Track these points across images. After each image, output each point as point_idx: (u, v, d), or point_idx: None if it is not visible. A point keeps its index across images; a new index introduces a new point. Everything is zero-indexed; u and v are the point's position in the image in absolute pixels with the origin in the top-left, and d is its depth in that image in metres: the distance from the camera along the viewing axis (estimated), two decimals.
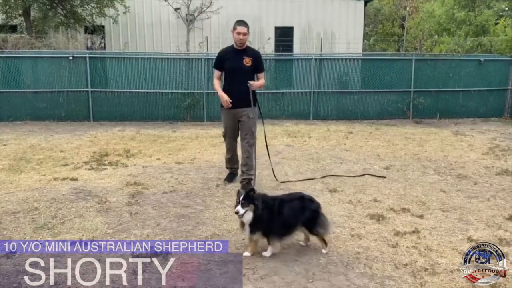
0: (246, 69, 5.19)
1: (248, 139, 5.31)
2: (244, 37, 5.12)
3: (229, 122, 5.38)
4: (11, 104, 11.24)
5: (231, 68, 5.22)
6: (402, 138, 9.20)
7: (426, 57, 13.51)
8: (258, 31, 16.53)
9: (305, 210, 3.57)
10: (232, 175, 5.71)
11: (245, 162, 5.37)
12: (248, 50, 5.28)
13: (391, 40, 26.53)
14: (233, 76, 5.22)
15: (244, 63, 5.16)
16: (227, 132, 5.47)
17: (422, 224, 4.25)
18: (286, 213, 3.51)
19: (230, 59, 5.23)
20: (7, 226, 4.11)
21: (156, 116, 11.72)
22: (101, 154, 7.28)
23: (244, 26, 5.11)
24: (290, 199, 3.68)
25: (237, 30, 5.09)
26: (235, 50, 5.25)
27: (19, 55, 11.58)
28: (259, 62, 5.28)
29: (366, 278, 3.20)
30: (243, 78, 5.12)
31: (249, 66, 5.19)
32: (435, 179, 5.94)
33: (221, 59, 5.32)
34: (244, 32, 5.10)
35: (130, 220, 4.30)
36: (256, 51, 5.41)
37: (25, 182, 5.60)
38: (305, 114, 12.21)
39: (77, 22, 14.67)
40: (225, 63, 5.26)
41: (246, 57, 5.18)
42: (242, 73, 5.15)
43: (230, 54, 5.25)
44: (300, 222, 3.55)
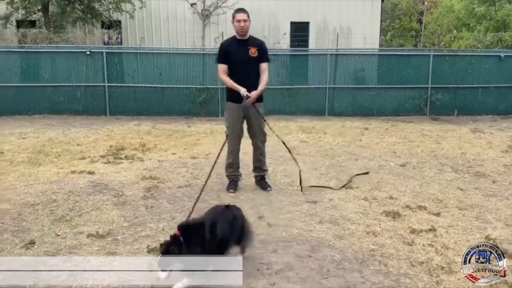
0: (253, 60, 4.80)
1: (258, 136, 5.02)
2: (245, 24, 4.72)
3: (236, 120, 4.90)
4: (30, 98, 11.44)
5: (237, 61, 4.79)
6: (419, 135, 9.09)
7: (444, 53, 13.31)
8: (273, 26, 16.46)
9: (237, 225, 3.23)
10: (235, 182, 5.14)
11: (257, 158, 5.12)
12: (251, 39, 4.87)
13: (408, 36, 26.15)
14: (239, 69, 4.79)
15: (250, 54, 4.77)
16: (231, 130, 4.93)
17: (438, 222, 4.19)
18: (220, 234, 3.05)
19: (234, 51, 4.80)
20: (27, 217, 4.20)
21: (172, 111, 11.79)
22: (117, 148, 7.37)
23: (243, 13, 4.75)
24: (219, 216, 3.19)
25: (237, 18, 4.71)
26: (238, 41, 4.84)
27: (38, 49, 11.76)
28: (264, 51, 4.86)
29: (381, 275, 3.17)
30: (251, 71, 4.79)
31: (256, 57, 4.80)
32: (453, 177, 5.85)
33: (225, 52, 4.85)
34: (244, 18, 4.71)
35: (146, 213, 4.35)
36: (260, 40, 4.98)
37: (43, 175, 5.70)
38: (320, 110, 12.14)
39: (94, 17, 14.82)
40: (230, 56, 4.81)
41: (251, 47, 4.79)
42: (249, 66, 4.79)
43: (234, 46, 4.83)
44: (233, 240, 3.19)
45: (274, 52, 12.63)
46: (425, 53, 13.18)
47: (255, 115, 4.90)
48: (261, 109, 4.97)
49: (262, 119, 4.97)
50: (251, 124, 4.97)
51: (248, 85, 4.72)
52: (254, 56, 4.80)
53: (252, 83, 4.78)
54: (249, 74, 4.78)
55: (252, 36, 4.96)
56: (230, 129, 4.96)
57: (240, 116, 4.90)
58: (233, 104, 4.87)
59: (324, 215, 4.36)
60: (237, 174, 5.17)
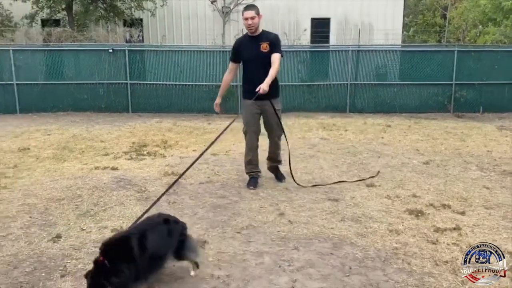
0: (265, 56, 4.72)
1: (275, 132, 5.03)
2: (252, 21, 4.67)
3: (251, 116, 4.92)
4: (54, 96, 11.68)
5: (249, 58, 4.82)
6: (443, 132, 8.91)
7: (469, 49, 12.97)
8: (293, 22, 16.37)
9: (173, 236, 2.92)
10: (254, 179, 5.14)
11: (272, 150, 5.19)
12: (263, 35, 4.80)
13: (432, 31, 25.61)
14: (252, 65, 4.82)
15: (261, 49, 4.71)
16: (248, 127, 4.98)
17: (463, 221, 4.11)
18: (152, 247, 2.73)
19: (245, 48, 4.82)
20: (53, 212, 4.30)
21: (192, 108, 11.86)
22: (140, 145, 7.47)
23: (250, 10, 4.68)
24: (152, 227, 2.87)
25: (245, 16, 4.68)
26: (250, 38, 4.82)
27: (62, 48, 12.01)
28: (275, 44, 4.76)
29: (404, 274, 3.13)
30: (263, 66, 4.69)
31: (268, 52, 4.72)
32: (478, 175, 5.72)
33: (236, 51, 4.90)
34: (251, 16, 4.65)
35: (168, 209, 4.40)
36: (272, 34, 4.90)
37: (68, 171, 5.83)
38: (341, 106, 12.02)
39: (117, 15, 15.05)
40: (242, 53, 4.86)
41: (263, 42, 4.73)
42: (261, 61, 4.72)
43: (246, 43, 4.85)
44: (170, 252, 2.90)
45: (294, 49, 12.59)
46: (449, 48, 12.91)
47: (271, 110, 4.89)
48: (278, 105, 4.95)
49: (277, 114, 4.94)
50: (267, 119, 4.99)
51: (261, 81, 4.61)
52: (266, 51, 4.73)
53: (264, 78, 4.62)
54: (261, 70, 4.68)
55: (266, 31, 4.91)
56: (246, 126, 5.00)
57: (255, 112, 4.91)
58: (247, 100, 4.85)
59: (346, 212, 4.33)
60: (256, 171, 5.18)
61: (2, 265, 3.24)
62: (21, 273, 3.12)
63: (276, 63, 4.69)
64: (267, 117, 4.97)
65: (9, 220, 4.09)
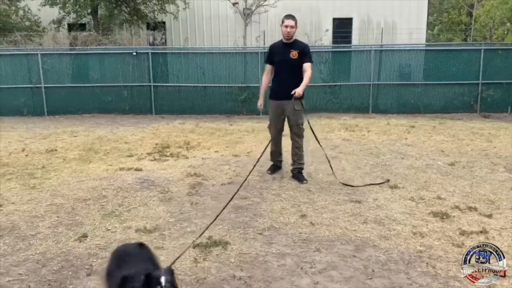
0: (293, 62, 5.25)
1: (295, 131, 5.43)
2: (291, 30, 5.21)
3: (275, 114, 5.46)
4: (80, 98, 11.97)
5: (279, 61, 5.35)
6: (469, 133, 8.70)
7: (496, 47, 12.64)
8: (315, 22, 16.28)
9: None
10: (275, 166, 5.80)
11: (294, 152, 5.50)
12: (295, 43, 5.35)
13: (457, 30, 25.04)
14: (280, 68, 5.36)
15: (290, 56, 5.23)
16: (272, 124, 5.54)
17: (490, 224, 4.01)
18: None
19: (278, 53, 5.38)
20: (79, 212, 4.41)
21: (214, 110, 11.96)
22: (163, 146, 7.57)
23: (292, 20, 5.23)
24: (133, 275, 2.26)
25: (285, 24, 5.21)
26: (283, 44, 5.38)
27: (87, 51, 12.30)
28: (305, 53, 5.28)
29: (428, 278, 3.08)
30: (290, 71, 5.24)
31: (296, 59, 5.24)
32: (506, 177, 5.56)
33: (271, 54, 5.50)
34: (291, 25, 5.20)
35: (191, 209, 4.45)
36: (304, 44, 5.47)
37: (93, 172, 5.96)
38: (364, 107, 11.89)
39: (140, 19, 15.30)
40: (274, 57, 5.42)
41: (293, 50, 5.24)
42: (288, 66, 5.26)
43: (279, 48, 5.41)
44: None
45: (316, 49, 12.48)
46: (475, 47, 12.58)
47: (292, 110, 5.28)
48: (298, 105, 5.27)
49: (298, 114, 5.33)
50: (289, 119, 5.43)
51: (286, 84, 5.17)
52: (294, 58, 5.23)
53: (289, 83, 5.16)
54: (288, 74, 5.26)
55: (298, 40, 5.45)
56: (270, 122, 5.57)
57: (278, 111, 5.42)
58: (273, 101, 5.48)
59: (368, 215, 4.29)
60: (279, 160, 5.81)
61: (31, 263, 3.34)
62: (49, 271, 3.21)
63: (309, 71, 5.20)
64: (289, 116, 5.38)
65: (37, 219, 4.22)
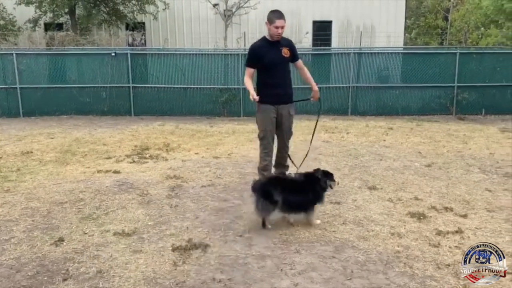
0: (285, 61, 4.83)
1: (288, 136, 5.03)
2: (282, 30, 4.66)
3: (270, 122, 4.82)
4: (57, 99, 11.75)
5: (272, 63, 4.74)
6: (445, 135, 8.90)
7: (471, 51, 12.98)
8: (295, 25, 16.40)
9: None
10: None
11: (282, 155, 5.08)
12: (282, 40, 4.82)
13: (434, 33, 25.61)
14: (275, 70, 4.78)
15: (283, 54, 4.75)
16: (266, 132, 4.84)
17: (466, 224, 4.10)
18: None
19: (267, 53, 4.73)
20: (56, 215, 4.32)
21: (194, 111, 11.90)
22: (142, 148, 7.49)
23: (283, 19, 4.65)
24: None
25: (276, 24, 4.59)
26: (269, 43, 4.77)
27: (65, 52, 12.08)
28: (295, 50, 4.90)
29: (406, 278, 3.13)
30: (283, 71, 4.81)
31: (288, 57, 4.82)
32: (480, 178, 5.71)
33: (257, 55, 4.75)
34: (283, 25, 4.63)
35: (170, 212, 4.41)
36: (288, 39, 4.97)
37: (71, 174, 5.85)
38: (343, 109, 12.04)
39: (119, 19, 15.14)
40: (263, 58, 4.73)
41: (283, 47, 4.77)
42: (282, 66, 4.80)
43: (266, 48, 4.75)
44: None
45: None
46: (451, 51, 12.89)
47: (287, 114, 4.90)
48: (292, 110, 4.98)
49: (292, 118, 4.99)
50: (282, 123, 4.90)
51: (284, 85, 4.87)
52: (287, 56, 4.82)
53: (286, 82, 4.90)
54: (282, 75, 4.85)
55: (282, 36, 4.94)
56: (264, 131, 4.88)
57: (274, 117, 4.84)
58: (267, 106, 4.79)
59: (347, 216, 4.33)
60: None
61: (5, 268, 3.25)
62: (23, 277, 3.13)
63: (305, 68, 5.03)
64: (283, 120, 4.89)
65: (11, 223, 4.11)
